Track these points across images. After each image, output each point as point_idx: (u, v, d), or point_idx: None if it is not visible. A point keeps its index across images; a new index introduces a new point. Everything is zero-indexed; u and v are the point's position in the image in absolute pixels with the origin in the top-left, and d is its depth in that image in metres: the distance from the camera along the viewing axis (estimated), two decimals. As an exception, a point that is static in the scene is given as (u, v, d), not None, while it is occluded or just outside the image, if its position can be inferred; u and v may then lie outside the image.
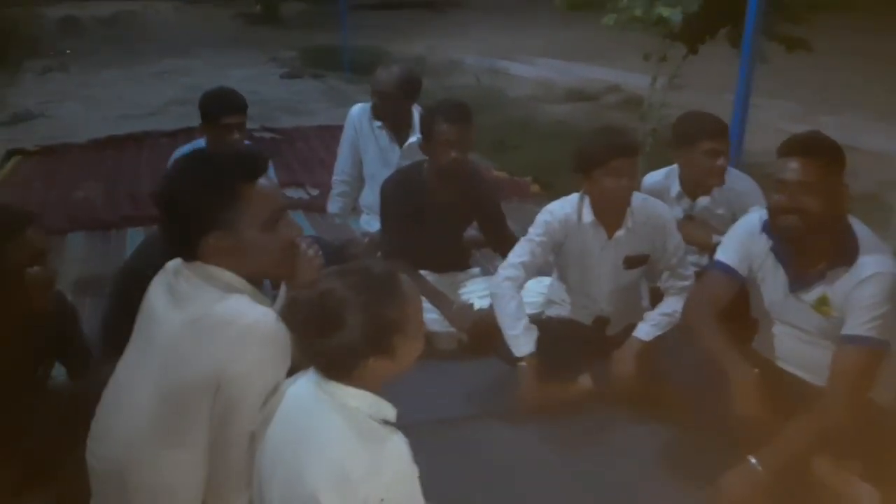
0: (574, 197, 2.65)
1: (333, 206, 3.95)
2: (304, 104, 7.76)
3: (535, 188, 4.92)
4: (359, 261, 1.58)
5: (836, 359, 2.06)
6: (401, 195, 3.03)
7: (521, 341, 2.53)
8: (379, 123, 3.71)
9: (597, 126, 3.03)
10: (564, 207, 2.64)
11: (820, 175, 2.04)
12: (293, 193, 4.79)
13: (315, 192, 4.76)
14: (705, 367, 2.23)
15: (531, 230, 2.66)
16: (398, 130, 3.70)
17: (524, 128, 6.45)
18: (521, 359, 2.52)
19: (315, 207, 4.42)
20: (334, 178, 3.92)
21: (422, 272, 3.05)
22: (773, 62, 4.35)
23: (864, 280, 2.04)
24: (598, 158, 2.45)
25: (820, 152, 2.07)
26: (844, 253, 2.09)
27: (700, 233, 2.87)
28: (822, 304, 2.16)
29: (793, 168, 2.06)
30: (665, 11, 4.24)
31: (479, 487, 2.24)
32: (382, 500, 1.34)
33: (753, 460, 2.00)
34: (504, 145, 5.78)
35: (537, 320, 2.76)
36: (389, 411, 1.45)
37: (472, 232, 3.35)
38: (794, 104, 6.28)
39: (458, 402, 2.66)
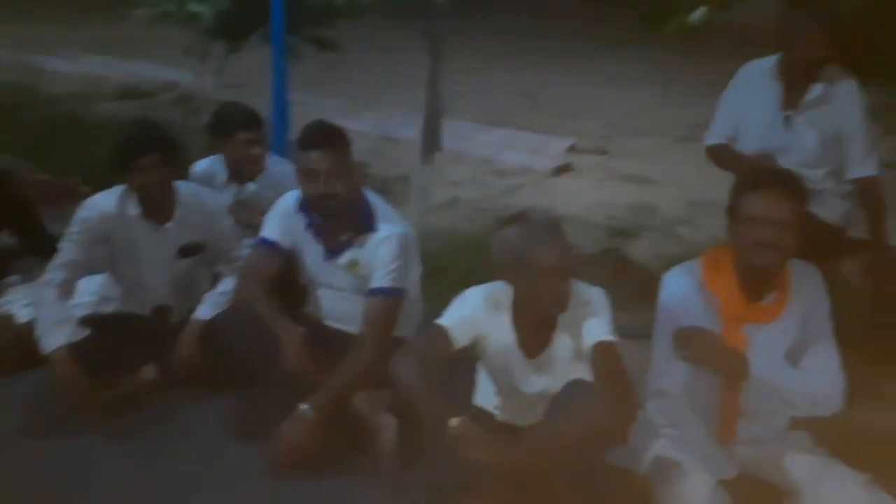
0: (117, 190, 2.62)
1: None
2: None
3: (85, 190, 4.60)
4: None
5: (364, 309, 2.43)
6: None
7: (48, 337, 2.45)
8: None
9: (130, 124, 3.03)
10: (106, 201, 2.61)
11: (334, 162, 2.38)
12: None
13: None
14: (263, 334, 2.42)
15: (69, 228, 2.56)
16: None
17: (69, 127, 5.95)
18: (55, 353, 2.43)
19: None
20: None
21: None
22: (323, 63, 4.76)
23: (381, 241, 2.46)
24: (125, 157, 2.50)
25: (329, 142, 2.41)
26: (365, 222, 2.49)
27: (250, 216, 3.06)
28: (352, 266, 2.54)
29: (314, 158, 2.38)
30: (195, 7, 4.34)
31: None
32: None
33: (305, 406, 2.26)
34: (44, 146, 5.27)
35: (90, 319, 2.67)
36: None
37: (4, 240, 3.05)
38: (341, 100, 6.93)
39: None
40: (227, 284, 2.71)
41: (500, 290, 2.11)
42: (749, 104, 2.88)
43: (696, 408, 1.99)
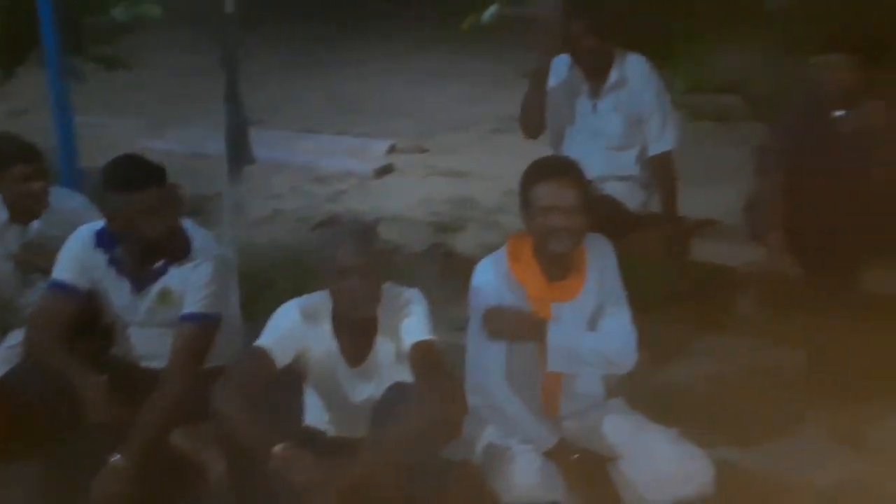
0: None
1: None
2: None
3: None
4: None
5: (175, 337, 2.28)
6: None
7: None
8: None
9: None
10: None
11: (150, 200, 2.21)
12: None
13: None
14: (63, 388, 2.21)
15: None
16: None
17: None
18: None
19: None
20: None
21: None
22: (118, 82, 4.42)
23: (195, 266, 2.32)
24: None
25: (144, 180, 2.22)
26: (179, 249, 2.34)
27: (37, 258, 2.78)
28: (165, 296, 2.36)
29: (137, 199, 2.19)
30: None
31: None
32: None
33: (116, 457, 2.08)
34: None
35: None
36: None
37: None
38: (142, 120, 6.53)
39: None
40: (15, 337, 2.45)
41: (317, 301, 2.08)
42: (561, 96, 3.04)
43: (518, 390, 2.07)
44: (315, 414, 2.18)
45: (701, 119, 5.85)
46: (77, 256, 2.36)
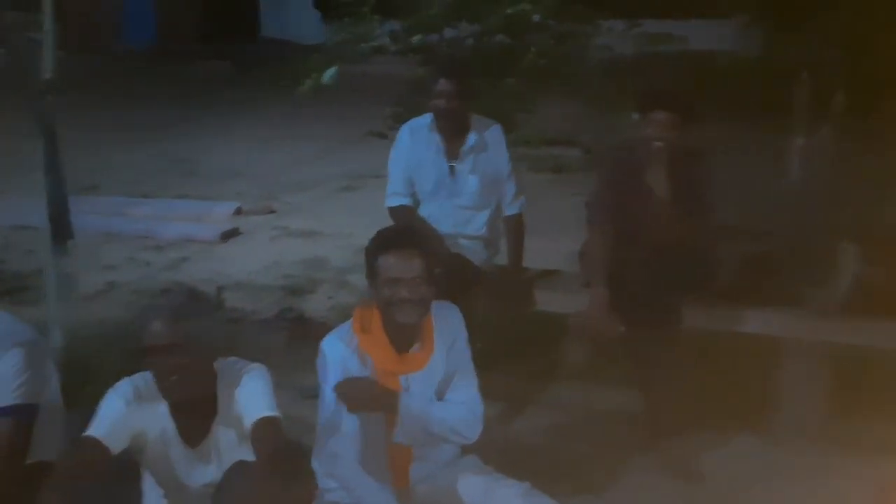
0: None
1: None
2: None
3: None
4: None
5: None
6: None
7: None
8: None
9: None
10: None
11: None
12: None
13: None
14: None
15: None
16: None
17: None
18: None
19: None
20: None
21: None
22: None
23: (2, 355, 2.07)
24: None
25: None
26: None
27: None
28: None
29: None
30: None
31: None
32: None
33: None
34: None
35: None
36: None
37: None
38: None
39: None
40: None
41: (149, 379, 1.92)
42: (417, 160, 3.09)
43: (367, 461, 2.00)
44: (153, 500, 2.00)
45: (540, 171, 6.15)
46: None
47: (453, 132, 3.06)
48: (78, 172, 4.37)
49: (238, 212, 5.73)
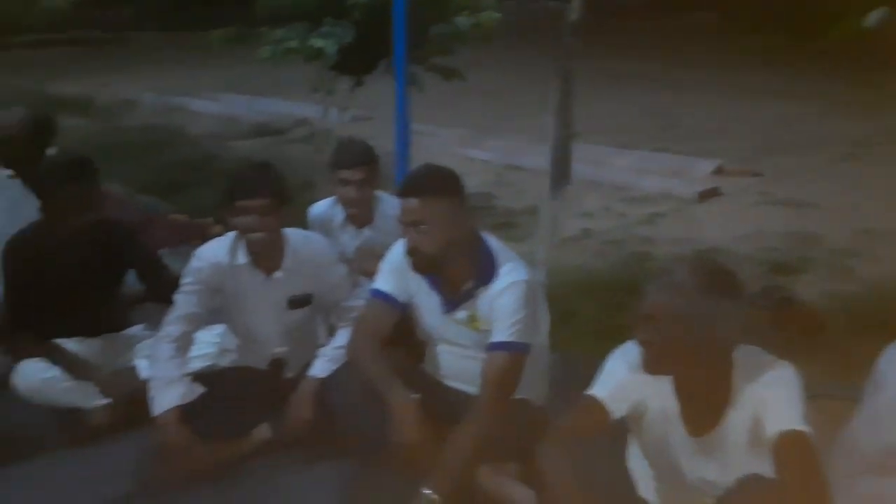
0: (228, 238, 2.52)
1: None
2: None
3: (217, 229, 4.65)
4: None
5: (484, 367, 2.15)
6: (25, 257, 2.68)
7: (159, 398, 2.36)
8: (8, 173, 3.23)
9: (240, 165, 2.96)
10: (216, 250, 2.51)
11: (432, 210, 2.12)
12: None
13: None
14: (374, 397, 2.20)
15: (183, 280, 2.48)
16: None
17: (206, 166, 6.15)
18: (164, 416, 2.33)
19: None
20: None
21: (64, 339, 2.69)
22: (447, 91, 4.59)
23: (502, 291, 2.17)
24: (225, 201, 2.39)
25: (428, 188, 2.15)
26: (485, 270, 2.20)
27: (371, 263, 2.87)
28: (472, 320, 2.26)
29: (408, 209, 2.14)
30: (319, 42, 4.30)
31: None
32: None
33: (427, 490, 2.00)
34: (180, 185, 5.44)
35: (210, 373, 2.57)
36: None
37: (131, 286, 3.03)
38: (464, 130, 6.77)
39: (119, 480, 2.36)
40: (342, 337, 2.52)
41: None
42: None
43: None
44: (647, 483, 1.90)
45: None
46: (396, 268, 2.34)
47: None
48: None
49: (719, 170, 5.37)
